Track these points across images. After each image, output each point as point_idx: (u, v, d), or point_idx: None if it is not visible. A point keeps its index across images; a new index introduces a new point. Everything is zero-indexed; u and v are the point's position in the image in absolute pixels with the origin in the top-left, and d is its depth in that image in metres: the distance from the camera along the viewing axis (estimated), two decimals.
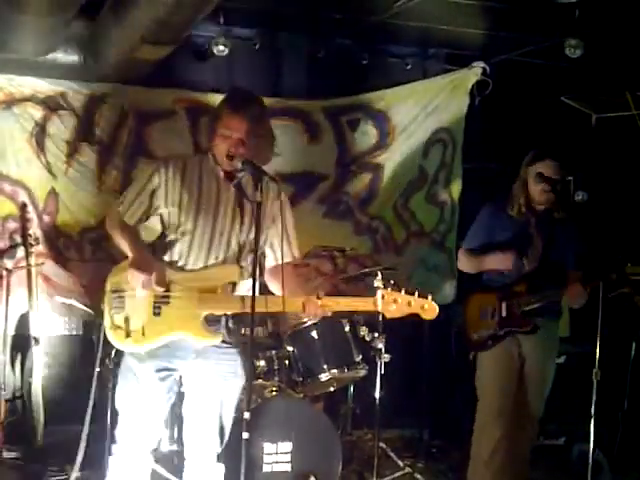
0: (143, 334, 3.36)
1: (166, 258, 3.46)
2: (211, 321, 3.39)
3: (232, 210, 3.47)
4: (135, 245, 3.43)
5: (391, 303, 3.39)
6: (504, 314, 4.45)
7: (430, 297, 3.41)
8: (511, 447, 4.49)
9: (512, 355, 4.49)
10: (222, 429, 3.53)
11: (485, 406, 4.53)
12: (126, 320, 3.39)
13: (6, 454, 5.22)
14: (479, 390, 4.58)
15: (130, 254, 3.40)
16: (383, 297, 3.39)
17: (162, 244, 3.50)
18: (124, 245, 3.45)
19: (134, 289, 3.34)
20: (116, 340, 3.43)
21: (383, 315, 3.42)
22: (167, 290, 3.38)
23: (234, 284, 3.44)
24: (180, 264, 3.44)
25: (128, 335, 3.38)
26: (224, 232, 3.45)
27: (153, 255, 3.47)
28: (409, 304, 3.39)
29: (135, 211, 3.49)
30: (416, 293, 3.41)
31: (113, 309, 3.43)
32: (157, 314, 3.38)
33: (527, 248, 4.47)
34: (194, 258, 3.44)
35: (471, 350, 4.60)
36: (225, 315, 3.39)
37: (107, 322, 3.44)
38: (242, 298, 3.33)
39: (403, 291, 3.41)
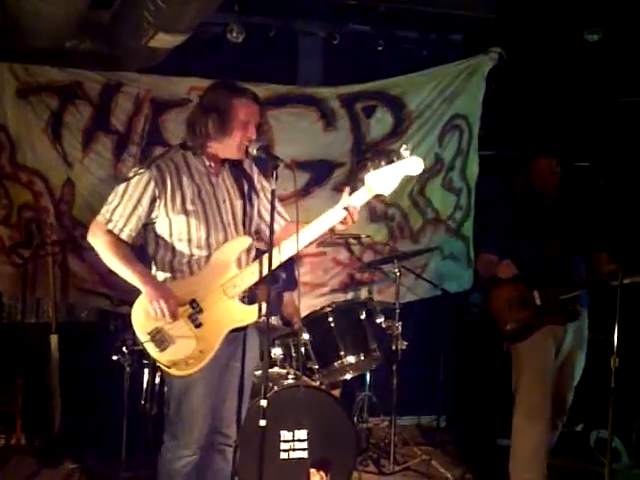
0: (201, 351, 3.27)
1: (175, 272, 3.34)
2: (245, 297, 3.35)
3: (229, 199, 3.43)
4: (142, 274, 3.27)
5: (384, 181, 3.29)
6: (538, 303, 4.40)
7: (408, 152, 3.30)
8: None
9: (548, 344, 4.43)
10: (240, 414, 3.54)
11: (526, 398, 4.42)
12: (177, 351, 3.26)
13: (24, 441, 5.28)
14: (517, 382, 4.47)
15: (142, 286, 3.24)
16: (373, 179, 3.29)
17: (166, 255, 3.36)
18: (124, 272, 3.27)
19: (165, 320, 3.22)
20: (179, 372, 3.29)
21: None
22: (193, 300, 3.29)
23: (248, 251, 3.41)
24: (194, 269, 3.34)
25: (187, 363, 3.27)
26: (230, 224, 3.39)
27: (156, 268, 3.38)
28: (398, 172, 3.30)
29: (134, 227, 3.32)
30: (394, 158, 3.32)
31: (159, 349, 3.26)
32: (199, 325, 3.28)
33: (545, 237, 4.45)
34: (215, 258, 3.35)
35: (504, 340, 4.52)
36: (251, 288, 3.34)
37: (162, 361, 3.28)
38: (260, 262, 3.28)
39: (383, 163, 3.30)
